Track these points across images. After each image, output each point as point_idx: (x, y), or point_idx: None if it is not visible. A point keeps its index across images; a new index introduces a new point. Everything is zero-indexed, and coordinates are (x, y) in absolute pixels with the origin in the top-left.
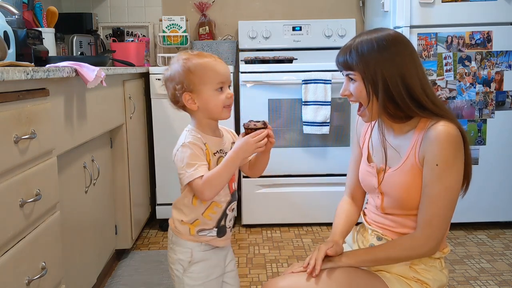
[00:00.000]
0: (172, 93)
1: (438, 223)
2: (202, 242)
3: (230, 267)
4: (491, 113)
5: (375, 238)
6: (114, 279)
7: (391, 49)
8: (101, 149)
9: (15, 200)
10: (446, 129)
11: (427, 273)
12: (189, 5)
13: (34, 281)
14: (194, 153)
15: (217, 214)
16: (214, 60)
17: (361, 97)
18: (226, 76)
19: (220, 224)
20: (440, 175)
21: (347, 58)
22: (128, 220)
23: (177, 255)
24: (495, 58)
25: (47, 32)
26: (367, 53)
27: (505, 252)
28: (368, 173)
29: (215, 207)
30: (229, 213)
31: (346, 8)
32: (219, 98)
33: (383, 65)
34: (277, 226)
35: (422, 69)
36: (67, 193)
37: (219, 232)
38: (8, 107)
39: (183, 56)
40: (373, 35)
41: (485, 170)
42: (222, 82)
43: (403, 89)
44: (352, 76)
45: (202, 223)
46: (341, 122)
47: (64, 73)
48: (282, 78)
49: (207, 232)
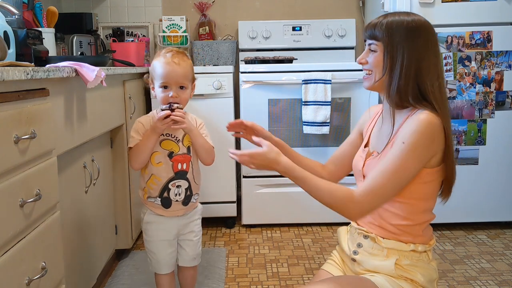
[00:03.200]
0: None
1: (377, 195)
2: (151, 208)
3: (189, 236)
4: (491, 113)
5: (361, 237)
6: (114, 279)
7: (417, 32)
8: (101, 149)
9: (15, 200)
10: (427, 116)
11: (414, 269)
12: (189, 5)
13: (34, 281)
14: (138, 128)
15: (157, 186)
16: (167, 63)
17: (377, 68)
18: (168, 78)
19: (163, 196)
20: (401, 154)
21: (374, 30)
22: (128, 220)
23: (141, 214)
24: (495, 58)
25: (47, 32)
26: (396, 29)
27: (505, 252)
28: (359, 158)
29: (154, 179)
30: (172, 188)
31: (346, 8)
32: (163, 95)
33: (406, 44)
34: (277, 226)
35: (439, 61)
36: (67, 193)
37: (164, 203)
38: (8, 107)
39: (159, 52)
40: (405, 17)
41: (485, 170)
42: (165, 83)
43: (413, 72)
44: (374, 47)
45: (148, 191)
46: (341, 122)
47: (64, 73)
48: (282, 78)
49: (153, 200)
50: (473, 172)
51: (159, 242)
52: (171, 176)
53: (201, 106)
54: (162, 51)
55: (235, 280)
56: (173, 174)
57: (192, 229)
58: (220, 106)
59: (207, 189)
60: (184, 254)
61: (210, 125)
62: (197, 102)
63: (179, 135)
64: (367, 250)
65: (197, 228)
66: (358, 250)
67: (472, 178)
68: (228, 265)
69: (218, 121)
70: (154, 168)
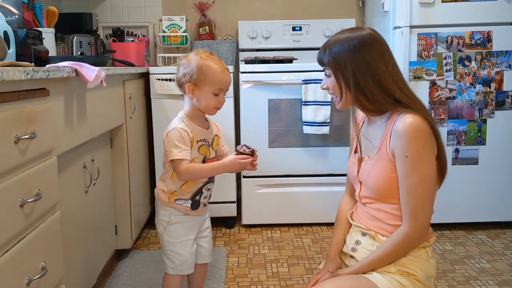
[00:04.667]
0: (179, 77)
1: (421, 213)
2: (178, 209)
3: (205, 233)
4: (491, 113)
5: (359, 234)
6: (114, 279)
7: (362, 49)
8: (101, 149)
9: (15, 200)
10: (412, 121)
11: (413, 264)
12: (189, 5)
13: (34, 281)
14: (181, 137)
15: (193, 189)
16: (223, 70)
17: (336, 91)
18: (226, 85)
19: (195, 199)
20: (413, 167)
21: (322, 56)
22: (128, 220)
23: (160, 216)
24: (495, 58)
25: (47, 32)
26: (338, 52)
27: (505, 252)
28: (352, 164)
29: (191, 183)
30: (205, 191)
31: (346, 8)
32: (213, 101)
33: (353, 64)
34: (277, 226)
35: (393, 66)
36: (67, 193)
37: (193, 205)
38: (8, 107)
39: (203, 54)
40: (346, 35)
41: (485, 170)
42: (220, 89)
43: (373, 85)
44: (327, 72)
45: (179, 194)
46: (341, 122)
47: (64, 73)
48: (282, 78)
49: (183, 202)
50: (473, 172)
51: (186, 241)
52: (205, 180)
53: None
54: (204, 54)
55: (235, 280)
56: (207, 178)
57: (208, 225)
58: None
59: None
60: (202, 250)
61: None
62: None
63: (210, 139)
64: (365, 247)
65: (210, 224)
66: (356, 247)
67: (472, 178)
68: (228, 265)
69: (218, 121)
70: None
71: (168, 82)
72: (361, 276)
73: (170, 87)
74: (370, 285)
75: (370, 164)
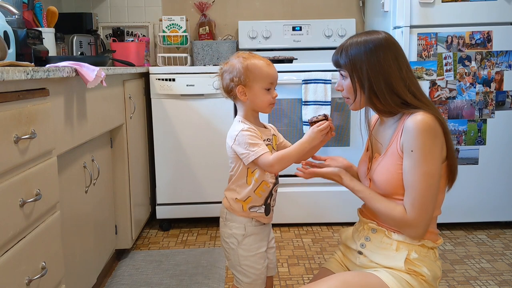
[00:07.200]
0: (227, 84)
1: (420, 208)
2: (252, 218)
3: (271, 243)
4: (491, 113)
5: (370, 231)
6: (114, 279)
7: (377, 52)
8: (101, 149)
9: (15, 200)
10: (422, 118)
11: (422, 264)
12: (189, 5)
13: (34, 281)
14: (252, 135)
15: (265, 192)
16: (268, 64)
17: (350, 92)
18: (275, 78)
19: (267, 202)
20: (417, 162)
21: (338, 58)
22: (128, 220)
23: (232, 230)
24: (495, 58)
25: (47, 32)
26: (355, 55)
27: (505, 252)
28: (363, 162)
29: (264, 185)
30: (274, 193)
31: (346, 8)
32: (266, 96)
33: (368, 67)
34: (277, 226)
35: (407, 70)
36: (67, 193)
37: (266, 209)
38: (8, 107)
39: (243, 55)
40: (363, 38)
41: (485, 170)
42: (271, 83)
43: (385, 88)
44: (344, 73)
45: (254, 200)
46: (341, 122)
47: (64, 73)
48: (282, 78)
49: (257, 209)
50: (473, 172)
51: (261, 254)
52: (273, 181)
53: (201, 106)
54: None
55: None
56: (275, 179)
57: (273, 236)
58: (220, 106)
59: (207, 189)
60: (269, 263)
61: (210, 125)
62: (197, 102)
63: (271, 138)
64: (375, 243)
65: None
66: (365, 243)
67: (472, 178)
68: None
69: (218, 121)
70: (265, 174)
71: (168, 82)
72: (369, 273)
73: (170, 87)
74: (378, 282)
75: (380, 162)
